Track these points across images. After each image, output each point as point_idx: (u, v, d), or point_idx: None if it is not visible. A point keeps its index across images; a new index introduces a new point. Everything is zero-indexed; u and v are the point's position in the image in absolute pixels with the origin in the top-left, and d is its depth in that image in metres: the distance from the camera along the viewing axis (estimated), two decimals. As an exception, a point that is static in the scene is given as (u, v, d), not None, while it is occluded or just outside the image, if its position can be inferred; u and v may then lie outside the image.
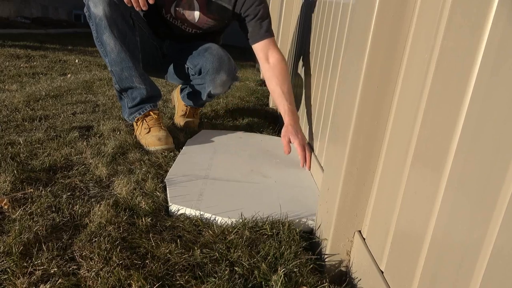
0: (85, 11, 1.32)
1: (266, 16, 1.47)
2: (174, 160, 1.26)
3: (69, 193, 0.97)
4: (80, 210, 0.89)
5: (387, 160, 0.70)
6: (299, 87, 1.79)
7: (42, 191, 0.95)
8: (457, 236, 0.47)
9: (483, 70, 0.45)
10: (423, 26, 0.62)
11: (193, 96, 1.67)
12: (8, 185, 0.95)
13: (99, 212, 0.87)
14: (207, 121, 1.89)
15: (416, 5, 0.65)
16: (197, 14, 1.48)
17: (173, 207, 0.95)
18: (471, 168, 0.45)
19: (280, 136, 1.70)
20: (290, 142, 1.34)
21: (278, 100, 1.44)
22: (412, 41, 0.65)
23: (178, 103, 1.82)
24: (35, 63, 3.14)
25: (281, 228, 0.87)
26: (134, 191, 1.00)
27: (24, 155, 1.16)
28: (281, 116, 1.49)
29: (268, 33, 1.47)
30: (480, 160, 0.44)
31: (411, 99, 0.63)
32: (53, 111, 1.72)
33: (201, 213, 0.93)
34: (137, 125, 1.42)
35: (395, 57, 0.68)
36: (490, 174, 0.42)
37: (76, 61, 3.52)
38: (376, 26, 0.66)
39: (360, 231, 0.77)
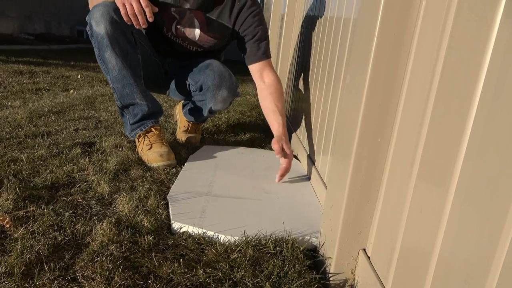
0: (87, 29, 1.34)
1: (264, 37, 1.48)
2: (176, 177, 1.25)
3: (71, 211, 0.96)
4: (82, 229, 0.88)
5: (391, 177, 0.70)
6: (300, 102, 1.80)
7: (44, 209, 0.95)
8: (465, 253, 0.46)
9: (490, 72, 0.45)
10: (428, 29, 0.62)
11: (195, 111, 1.67)
12: (10, 203, 0.95)
13: (101, 231, 0.87)
14: (209, 136, 1.89)
15: (421, 7, 0.65)
16: (197, 32, 1.50)
17: (175, 225, 0.95)
18: (478, 181, 0.45)
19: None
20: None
21: (272, 115, 1.43)
22: (416, 48, 0.65)
23: (180, 119, 1.83)
24: (38, 79, 3.17)
25: (284, 246, 0.87)
26: (137, 208, 1.00)
27: (27, 172, 1.16)
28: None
29: (265, 55, 1.48)
30: (488, 172, 0.43)
31: (415, 114, 0.63)
32: (56, 127, 1.72)
33: (204, 231, 0.92)
34: (139, 141, 1.43)
35: (399, 61, 0.68)
36: (499, 187, 0.41)
37: (79, 76, 3.55)
38: (379, 33, 0.66)
39: (364, 249, 0.76)
